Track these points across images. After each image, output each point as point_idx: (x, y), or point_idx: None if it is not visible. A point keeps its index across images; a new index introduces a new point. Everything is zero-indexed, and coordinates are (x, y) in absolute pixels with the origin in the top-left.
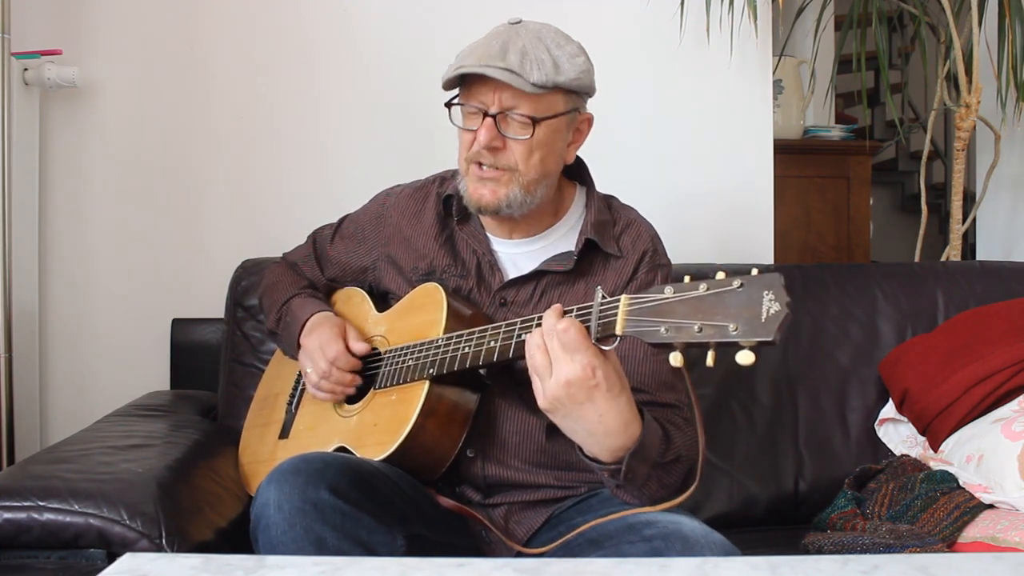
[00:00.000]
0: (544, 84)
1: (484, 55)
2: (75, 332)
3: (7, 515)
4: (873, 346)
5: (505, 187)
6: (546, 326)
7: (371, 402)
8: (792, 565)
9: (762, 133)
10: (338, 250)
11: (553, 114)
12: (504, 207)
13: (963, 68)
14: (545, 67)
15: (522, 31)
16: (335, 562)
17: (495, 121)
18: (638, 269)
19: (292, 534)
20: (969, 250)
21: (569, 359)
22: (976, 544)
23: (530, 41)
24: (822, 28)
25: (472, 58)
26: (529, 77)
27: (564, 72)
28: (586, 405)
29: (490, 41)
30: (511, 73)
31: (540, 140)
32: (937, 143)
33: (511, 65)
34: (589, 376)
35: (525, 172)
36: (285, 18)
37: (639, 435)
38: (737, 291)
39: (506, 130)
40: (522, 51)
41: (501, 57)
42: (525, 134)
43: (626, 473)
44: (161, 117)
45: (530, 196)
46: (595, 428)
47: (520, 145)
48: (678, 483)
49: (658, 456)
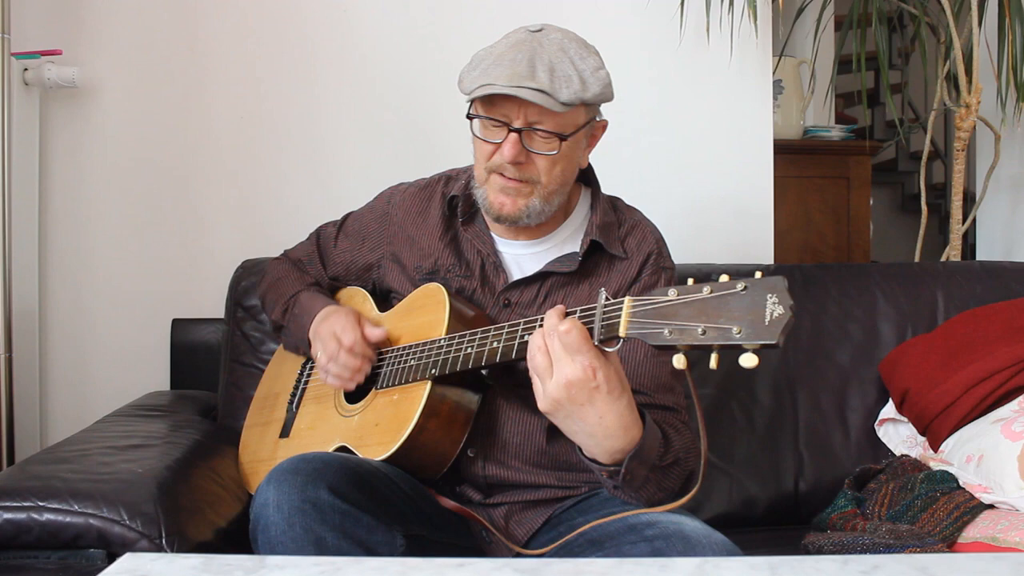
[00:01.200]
0: (572, 102)
1: (513, 73)
2: (75, 332)
3: (7, 515)
4: (873, 346)
5: (526, 198)
6: (547, 327)
7: (373, 402)
8: (792, 565)
9: (762, 133)
10: (342, 248)
11: (576, 128)
12: (524, 217)
13: (963, 68)
14: (573, 84)
15: (545, 42)
16: (335, 562)
17: (520, 136)
18: (642, 271)
19: (291, 534)
20: (969, 250)
21: (570, 360)
22: (976, 544)
23: (556, 55)
24: (822, 28)
25: (500, 74)
26: (559, 96)
27: (590, 88)
28: (586, 407)
29: (515, 55)
30: (543, 94)
31: (563, 153)
32: (937, 143)
33: (542, 84)
34: (590, 377)
35: (547, 184)
36: (285, 18)
37: (639, 438)
38: (740, 294)
39: (530, 144)
40: (550, 67)
41: (531, 75)
42: (551, 149)
43: (625, 475)
44: (161, 117)
45: (549, 206)
46: (595, 430)
47: (544, 159)
48: (676, 487)
49: (657, 459)
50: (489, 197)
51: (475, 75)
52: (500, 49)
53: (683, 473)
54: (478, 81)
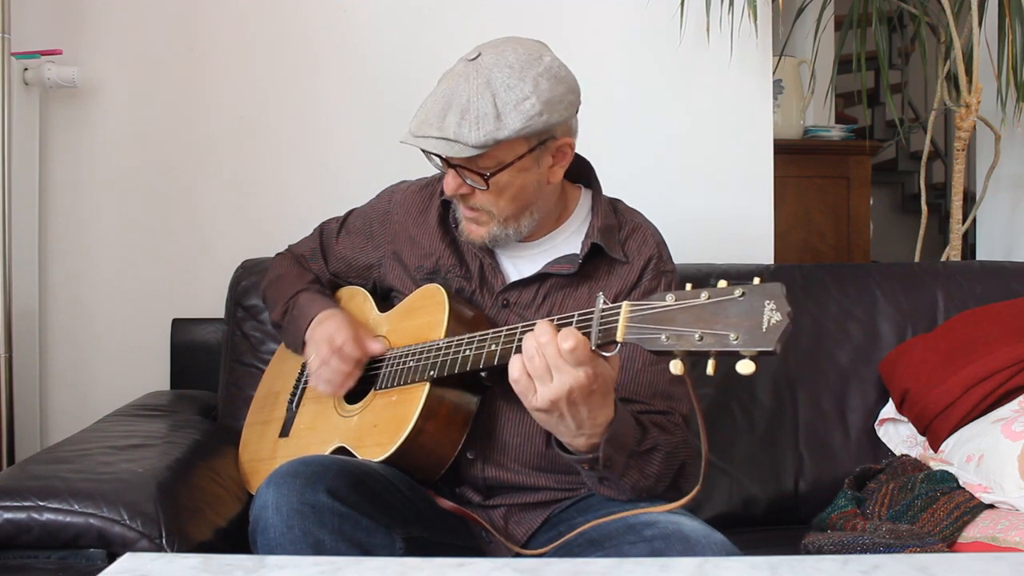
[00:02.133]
0: (485, 144)
1: (421, 122)
2: (75, 332)
3: (7, 515)
4: (873, 346)
5: (485, 226)
6: (544, 340)
7: (372, 403)
8: (792, 565)
9: (762, 133)
10: (343, 245)
11: (507, 163)
12: (489, 242)
13: (963, 68)
14: (486, 124)
15: (472, 75)
16: (336, 562)
17: (456, 170)
18: (643, 275)
19: (290, 536)
20: (969, 250)
21: (572, 370)
22: (976, 544)
23: (477, 91)
24: (822, 28)
25: (415, 121)
26: (467, 140)
27: (507, 126)
28: (580, 406)
29: (435, 99)
30: (447, 142)
31: (502, 185)
32: (937, 143)
33: (446, 132)
34: (592, 382)
35: (499, 213)
36: (285, 19)
37: (611, 421)
38: (738, 300)
39: (467, 178)
40: (463, 109)
41: (439, 121)
42: (482, 186)
43: (604, 461)
44: (161, 117)
45: (514, 228)
46: (583, 423)
47: (482, 193)
48: (661, 474)
49: (634, 444)
50: (461, 222)
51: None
52: (439, 84)
53: (669, 463)
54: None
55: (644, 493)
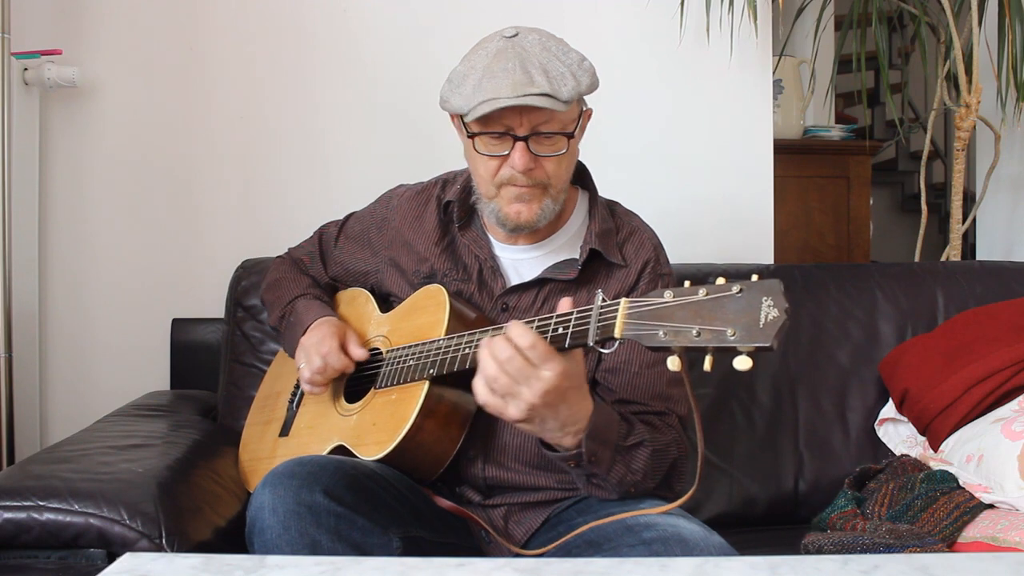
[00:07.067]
0: (573, 99)
1: (514, 83)
2: (75, 332)
3: (7, 515)
4: (873, 346)
5: (538, 202)
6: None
7: (371, 401)
8: (792, 565)
9: (762, 133)
10: (342, 251)
11: (576, 123)
12: (539, 221)
13: (963, 68)
14: (568, 81)
15: (527, 45)
16: (336, 562)
17: (526, 143)
18: (640, 278)
19: (287, 537)
20: (969, 250)
21: (539, 371)
22: (976, 544)
23: (543, 56)
24: (822, 28)
25: (498, 86)
26: (561, 96)
27: (583, 81)
28: (559, 406)
29: (505, 64)
30: (548, 98)
31: (571, 150)
32: (937, 143)
33: (543, 88)
34: (562, 379)
35: (556, 184)
36: (285, 19)
37: (592, 412)
38: (736, 296)
39: (537, 149)
40: (543, 69)
41: (530, 81)
42: (560, 149)
43: (589, 456)
44: (161, 117)
45: (557, 204)
46: (566, 420)
47: (552, 160)
48: (646, 469)
49: (619, 439)
50: (503, 209)
51: (466, 92)
52: (483, 62)
53: (656, 459)
54: (475, 98)
55: (632, 488)
